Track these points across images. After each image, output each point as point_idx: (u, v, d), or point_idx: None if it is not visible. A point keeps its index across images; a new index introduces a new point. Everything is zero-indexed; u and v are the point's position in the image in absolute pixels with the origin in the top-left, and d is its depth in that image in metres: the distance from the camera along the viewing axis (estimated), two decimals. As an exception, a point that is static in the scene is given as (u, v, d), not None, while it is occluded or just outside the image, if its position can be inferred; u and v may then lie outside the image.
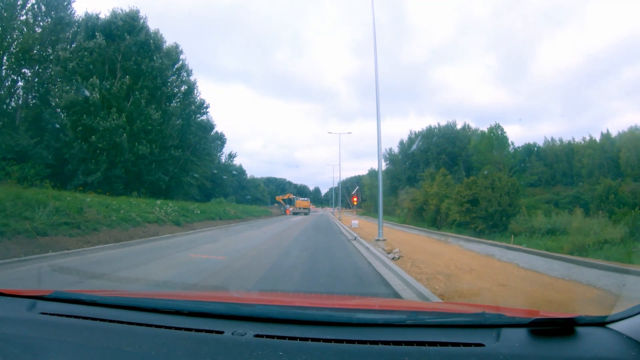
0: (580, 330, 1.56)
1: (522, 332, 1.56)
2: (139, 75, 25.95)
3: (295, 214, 59.27)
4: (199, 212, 22.86)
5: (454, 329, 1.66)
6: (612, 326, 1.58)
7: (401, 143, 62.01)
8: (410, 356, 1.45)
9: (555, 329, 1.56)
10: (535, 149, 52.96)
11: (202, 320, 1.71)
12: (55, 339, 1.64)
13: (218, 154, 55.91)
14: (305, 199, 68.94)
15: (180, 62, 28.45)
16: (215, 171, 54.66)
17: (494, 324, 1.64)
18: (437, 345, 1.51)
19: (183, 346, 1.55)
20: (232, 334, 1.60)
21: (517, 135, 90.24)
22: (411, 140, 63.64)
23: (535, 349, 1.49)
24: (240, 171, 65.37)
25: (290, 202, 66.68)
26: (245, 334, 1.60)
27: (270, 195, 64.22)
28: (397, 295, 5.99)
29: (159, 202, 18.58)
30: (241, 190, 62.32)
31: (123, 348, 1.55)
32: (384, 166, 73.54)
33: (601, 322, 1.61)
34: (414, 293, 5.81)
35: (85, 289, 3.45)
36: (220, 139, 55.27)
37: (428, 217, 30.78)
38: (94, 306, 1.93)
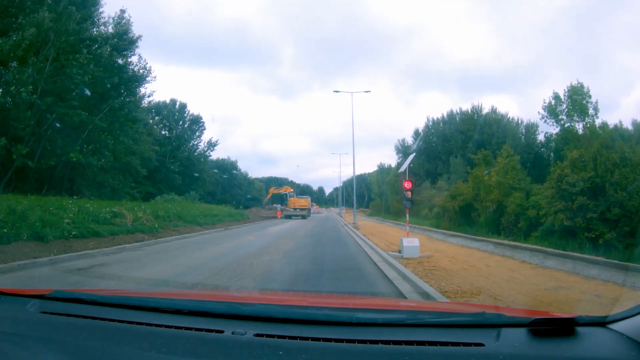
0: (580, 330, 1.49)
1: (522, 332, 1.50)
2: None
3: (288, 217, 43.88)
4: None
5: (454, 329, 1.60)
6: (613, 326, 1.51)
7: (416, 133, 49.22)
8: (410, 356, 1.39)
9: (555, 328, 1.49)
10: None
11: (202, 319, 1.68)
12: (55, 338, 1.61)
13: (195, 142, 43.71)
14: (305, 196, 53.04)
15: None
16: (215, 169, 42.52)
17: (494, 324, 1.57)
18: (437, 345, 1.45)
19: (183, 345, 1.50)
20: (232, 333, 1.54)
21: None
22: (428, 128, 50.51)
23: (535, 349, 1.43)
24: (232, 167, 53.14)
25: (282, 200, 49.17)
26: (245, 333, 1.54)
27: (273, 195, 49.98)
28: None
29: None
30: (232, 189, 50.54)
31: (123, 347, 1.51)
32: (394, 162, 59.51)
33: (601, 322, 1.54)
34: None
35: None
36: (197, 123, 43.37)
37: (484, 220, 19.04)
38: (95, 305, 1.87)
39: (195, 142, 49.24)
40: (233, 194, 55.11)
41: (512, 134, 48.56)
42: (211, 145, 50.66)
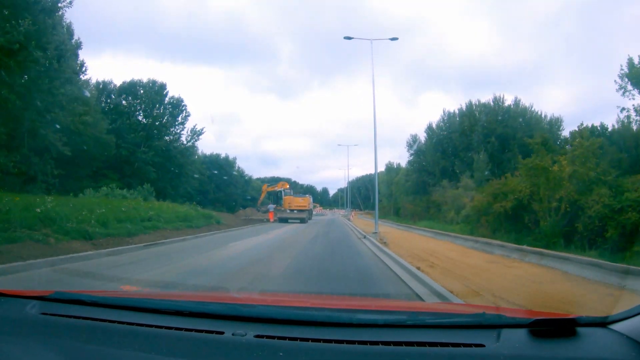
0: (581, 330, 1.49)
1: (522, 333, 1.50)
2: None
3: (283, 220, 34.65)
4: None
5: (455, 330, 1.61)
6: (613, 327, 1.52)
7: (429, 128, 43.86)
8: (410, 357, 1.43)
9: (556, 329, 1.50)
10: (606, 130, 37.00)
11: (203, 320, 1.70)
12: (55, 340, 1.64)
13: (177, 130, 37.48)
14: (304, 195, 42.20)
15: None
16: (207, 165, 36.57)
17: (495, 325, 1.58)
18: (437, 346, 1.46)
19: (183, 347, 1.53)
20: (233, 334, 1.56)
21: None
22: (444, 122, 44.48)
23: (535, 350, 1.44)
24: (228, 164, 47.13)
25: (277, 199, 39.44)
26: (246, 334, 1.55)
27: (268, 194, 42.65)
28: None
29: None
30: (227, 187, 44.59)
31: (123, 349, 1.54)
32: (403, 160, 53.32)
33: (602, 323, 1.55)
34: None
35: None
36: (178, 107, 36.95)
37: (549, 225, 12.12)
38: (95, 307, 1.89)
39: (178, 130, 42.32)
40: (228, 193, 49.71)
41: (539, 128, 42.95)
42: (195, 133, 43.28)
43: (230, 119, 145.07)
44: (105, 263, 10.19)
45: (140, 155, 35.91)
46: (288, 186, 41.16)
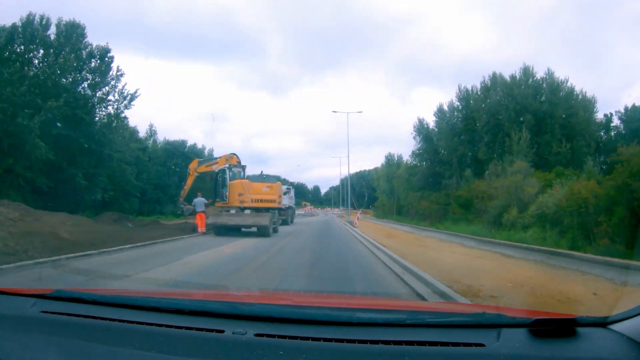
0: (581, 330, 1.49)
1: (522, 333, 1.50)
2: None
3: (224, 230, 17.17)
4: None
5: (455, 329, 1.62)
6: (614, 327, 1.51)
7: (440, 110, 41.40)
8: (410, 356, 1.41)
9: (556, 329, 1.51)
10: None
11: (203, 319, 1.74)
12: (55, 338, 1.66)
13: (101, 94, 27.08)
14: (270, 179, 21.35)
15: None
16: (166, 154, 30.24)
17: (495, 324, 1.59)
18: (437, 345, 1.47)
19: (183, 345, 1.56)
20: (233, 333, 1.57)
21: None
22: (460, 101, 34.55)
23: (535, 350, 1.43)
24: (195, 154, 37.58)
25: (221, 187, 19.23)
26: (246, 333, 1.56)
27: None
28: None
29: None
30: (197, 181, 33.37)
31: (123, 347, 1.56)
32: (407, 151, 44.88)
33: (602, 323, 1.55)
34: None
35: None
36: (102, 60, 26.48)
37: None
38: (95, 305, 1.92)
39: (103, 95, 29.27)
40: (194, 188, 38.99)
41: (582, 106, 33.66)
42: (125, 98, 29.49)
43: (221, 116, 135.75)
44: None
45: (22, 121, 21.98)
46: (237, 161, 19.73)
